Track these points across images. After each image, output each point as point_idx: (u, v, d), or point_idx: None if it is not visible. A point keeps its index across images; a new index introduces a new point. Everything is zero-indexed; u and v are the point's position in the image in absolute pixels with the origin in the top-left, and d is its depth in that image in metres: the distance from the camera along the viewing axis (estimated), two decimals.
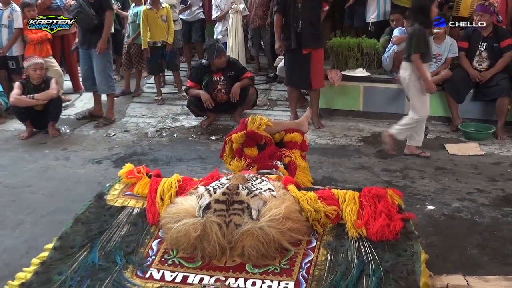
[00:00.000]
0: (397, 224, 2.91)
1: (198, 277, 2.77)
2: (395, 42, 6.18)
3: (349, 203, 3.11)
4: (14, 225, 3.75)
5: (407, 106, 6.28)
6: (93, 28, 6.07)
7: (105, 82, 6.31)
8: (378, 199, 3.09)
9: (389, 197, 3.10)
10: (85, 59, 6.33)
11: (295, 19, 5.86)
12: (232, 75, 6.37)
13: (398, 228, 2.89)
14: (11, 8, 6.74)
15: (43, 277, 2.78)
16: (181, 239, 2.92)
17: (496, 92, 5.77)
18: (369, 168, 4.86)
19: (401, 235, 2.87)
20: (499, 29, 5.91)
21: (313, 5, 5.86)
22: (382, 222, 2.91)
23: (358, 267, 2.72)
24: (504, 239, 3.48)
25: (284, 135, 4.25)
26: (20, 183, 4.56)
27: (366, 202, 3.08)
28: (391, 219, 2.94)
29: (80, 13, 6.03)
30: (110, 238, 3.06)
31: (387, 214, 2.98)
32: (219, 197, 3.02)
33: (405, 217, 2.99)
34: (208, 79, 6.30)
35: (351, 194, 3.16)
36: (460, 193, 4.27)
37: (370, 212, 3.00)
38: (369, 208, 3.04)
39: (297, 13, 5.85)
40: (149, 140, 5.76)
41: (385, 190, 3.15)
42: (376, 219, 2.96)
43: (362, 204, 3.08)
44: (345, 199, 3.13)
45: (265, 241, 2.84)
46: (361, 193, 3.16)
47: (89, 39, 6.17)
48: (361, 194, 3.15)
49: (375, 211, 3.01)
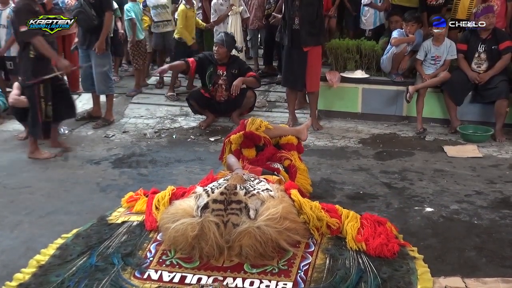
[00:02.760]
0: (395, 245, 3.00)
1: (196, 277, 2.79)
2: (394, 44, 6.18)
3: (351, 220, 3.22)
4: (13, 225, 3.74)
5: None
6: (93, 28, 6.07)
7: (104, 83, 6.31)
8: (378, 224, 3.21)
9: (388, 226, 3.22)
10: (85, 59, 6.33)
11: (291, 16, 5.86)
12: (235, 73, 6.37)
13: (396, 249, 2.99)
14: (10, 9, 6.72)
15: (41, 279, 2.80)
16: (179, 238, 2.93)
17: (495, 94, 5.78)
18: (367, 170, 4.86)
19: (398, 255, 2.96)
20: (498, 31, 5.92)
21: (311, 2, 5.82)
22: (381, 241, 3.01)
23: (357, 273, 2.77)
24: (502, 241, 3.48)
25: (279, 139, 4.26)
26: (19, 184, 4.55)
27: (367, 224, 3.19)
28: (389, 241, 3.04)
29: (80, 13, 6.02)
30: (109, 246, 3.10)
31: (385, 236, 3.08)
32: (217, 197, 3.03)
33: (402, 244, 3.09)
34: (212, 70, 6.34)
35: (353, 214, 3.27)
36: (459, 195, 4.27)
37: (370, 231, 3.12)
38: (369, 228, 3.15)
39: (293, 10, 5.84)
40: (147, 141, 5.76)
41: (385, 219, 3.29)
42: (376, 238, 3.06)
43: (363, 224, 3.19)
44: (347, 216, 3.24)
45: (263, 240, 2.86)
46: (362, 216, 3.28)
47: (89, 39, 6.17)
48: (363, 217, 3.27)
49: (375, 231, 3.13)
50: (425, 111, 6.11)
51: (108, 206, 3.86)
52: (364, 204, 4.09)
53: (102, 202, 4.13)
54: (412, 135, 5.95)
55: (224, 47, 6.33)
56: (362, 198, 4.21)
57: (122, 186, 4.48)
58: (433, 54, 6.04)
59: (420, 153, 5.34)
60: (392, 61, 6.30)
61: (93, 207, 3.99)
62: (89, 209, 3.97)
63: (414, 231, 3.58)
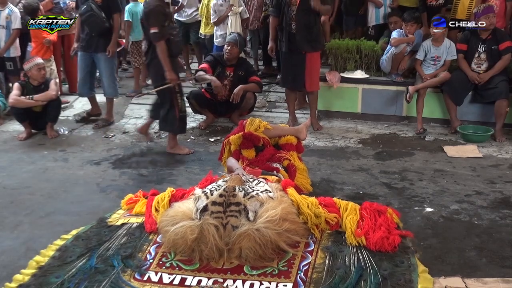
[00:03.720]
0: (395, 238, 2.98)
1: (196, 279, 2.78)
2: (393, 44, 6.18)
3: (350, 213, 3.19)
4: (13, 226, 3.74)
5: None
6: (104, 31, 6.03)
7: (113, 86, 6.34)
8: (378, 214, 3.19)
9: (388, 214, 3.18)
10: (86, 63, 6.24)
11: (288, 22, 5.87)
12: (242, 75, 6.38)
13: (397, 242, 2.96)
14: (9, 9, 6.73)
15: (41, 280, 2.80)
16: (179, 241, 2.93)
17: (495, 94, 5.78)
18: (367, 170, 4.86)
19: (399, 249, 2.94)
20: (498, 31, 5.91)
21: (308, 7, 5.81)
22: (381, 234, 2.99)
23: (357, 272, 2.76)
24: (502, 241, 3.48)
25: (278, 139, 4.26)
26: (19, 184, 4.55)
27: (366, 215, 3.17)
28: (390, 234, 3.01)
29: (92, 17, 5.92)
30: (109, 248, 3.09)
31: (386, 228, 3.05)
32: (216, 199, 3.03)
33: (403, 234, 3.07)
34: (220, 71, 6.34)
35: (352, 206, 3.25)
36: (459, 195, 4.27)
37: (370, 224, 3.09)
38: (369, 220, 3.13)
39: (289, 16, 5.86)
40: (147, 142, 5.76)
41: (386, 207, 3.25)
42: (376, 231, 3.04)
43: (362, 216, 3.17)
44: (346, 209, 3.22)
45: (262, 242, 2.85)
46: (362, 206, 3.26)
47: (96, 43, 6.08)
48: (362, 207, 3.25)
49: (375, 223, 3.10)
50: (425, 111, 6.11)
51: (108, 207, 3.86)
52: None
53: (102, 202, 4.13)
54: (412, 135, 5.95)
55: (237, 48, 6.37)
56: (362, 198, 4.20)
57: (122, 186, 4.48)
58: (433, 54, 6.03)
59: (420, 153, 5.34)
60: (392, 61, 6.29)
61: (93, 208, 3.99)
62: (89, 209, 3.97)
63: (414, 231, 3.55)
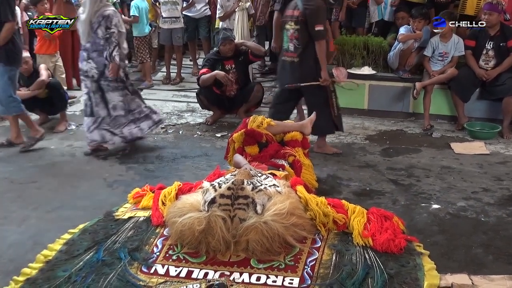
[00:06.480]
0: (401, 241, 3.00)
1: (202, 272, 2.79)
2: (401, 40, 6.16)
3: (357, 215, 3.22)
4: (20, 220, 3.76)
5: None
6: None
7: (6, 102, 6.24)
8: (385, 219, 3.21)
9: (394, 221, 3.21)
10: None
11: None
12: (242, 60, 6.41)
13: (403, 244, 2.98)
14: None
15: (48, 274, 2.82)
16: (186, 233, 2.94)
17: (503, 91, 5.75)
18: (374, 167, 4.85)
19: (405, 251, 2.95)
20: (506, 28, 5.88)
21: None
22: (388, 236, 3.01)
23: (364, 269, 2.77)
24: (509, 239, 3.46)
25: (283, 136, 4.25)
26: (26, 179, 4.57)
27: (373, 218, 3.19)
28: (396, 237, 3.03)
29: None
30: (116, 241, 3.11)
31: (392, 231, 3.07)
32: (224, 192, 3.04)
33: (409, 239, 3.09)
34: (220, 68, 6.34)
35: (360, 209, 3.27)
36: (466, 192, 4.25)
37: (377, 227, 3.12)
38: (376, 223, 3.15)
39: None
40: (154, 137, 5.76)
41: (392, 214, 3.29)
42: (382, 233, 3.06)
43: (369, 219, 3.20)
44: (354, 211, 3.26)
45: (270, 235, 2.86)
46: (369, 210, 3.28)
47: None
48: (369, 211, 3.27)
49: (382, 226, 3.13)
50: (432, 107, 6.08)
51: (115, 202, 3.87)
52: (370, 200, 4.08)
53: (109, 197, 4.14)
54: (419, 132, 5.94)
55: (233, 42, 6.39)
56: (368, 195, 4.21)
57: (129, 181, 4.49)
58: (441, 50, 6.01)
59: (427, 150, 5.33)
60: (399, 57, 6.27)
61: (100, 203, 4.00)
62: (96, 204, 3.98)
63: (421, 228, 3.58)
